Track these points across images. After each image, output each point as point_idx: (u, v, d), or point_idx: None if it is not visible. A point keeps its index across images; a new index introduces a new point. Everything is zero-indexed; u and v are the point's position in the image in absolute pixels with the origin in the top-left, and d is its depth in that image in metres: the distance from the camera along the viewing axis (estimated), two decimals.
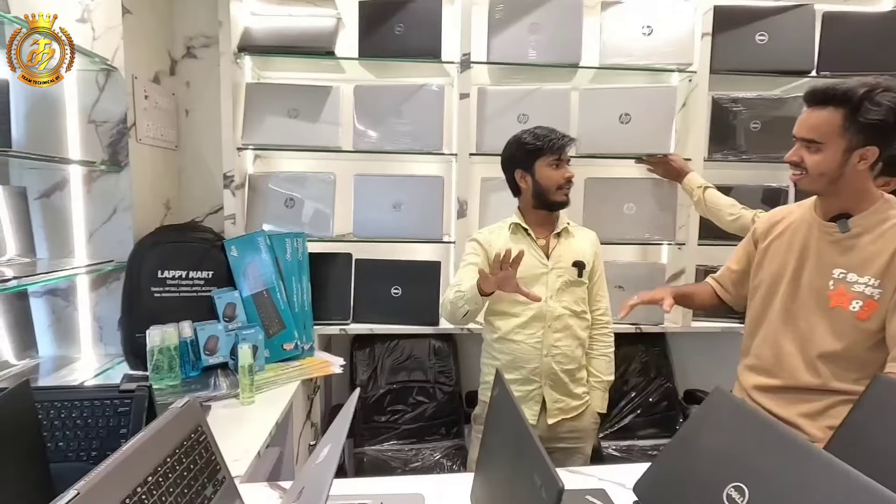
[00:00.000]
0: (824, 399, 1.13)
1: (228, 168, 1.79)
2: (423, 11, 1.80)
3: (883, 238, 1.06)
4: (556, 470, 1.00)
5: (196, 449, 0.78)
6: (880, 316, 1.06)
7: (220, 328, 1.59)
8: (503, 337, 1.46)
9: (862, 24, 1.90)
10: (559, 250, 1.47)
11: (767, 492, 0.67)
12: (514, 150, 1.46)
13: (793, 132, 1.13)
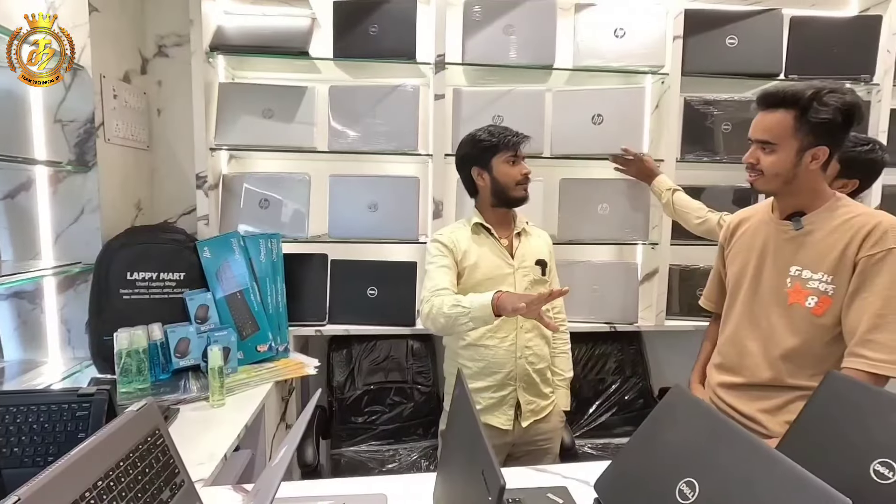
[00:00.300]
0: (783, 395, 1.16)
1: (201, 168, 1.77)
2: (398, 12, 1.80)
3: (834, 234, 1.10)
4: (524, 469, 1.02)
5: (153, 452, 0.78)
6: (835, 311, 1.09)
7: (192, 330, 1.57)
8: (473, 343, 1.42)
9: (828, 28, 1.95)
10: (522, 250, 1.46)
11: (716, 486, 0.69)
12: (470, 148, 1.44)
13: (748, 135, 1.16)
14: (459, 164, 1.48)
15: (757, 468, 0.65)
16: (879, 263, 1.04)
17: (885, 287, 1.03)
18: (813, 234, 1.13)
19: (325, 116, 1.86)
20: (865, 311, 1.04)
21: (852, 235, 1.07)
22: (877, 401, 0.83)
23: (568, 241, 1.97)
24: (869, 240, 1.05)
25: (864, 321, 1.04)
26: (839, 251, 1.08)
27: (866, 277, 1.05)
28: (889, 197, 2.02)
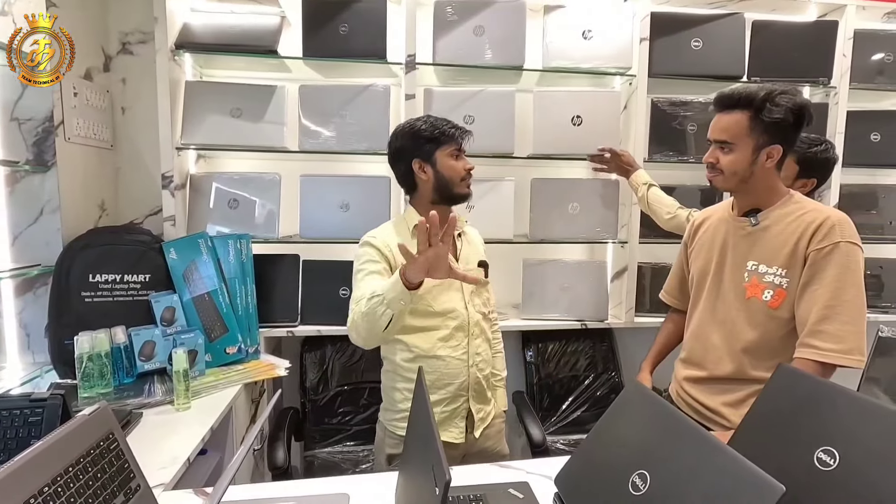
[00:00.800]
0: (744, 388, 1.20)
1: (167, 168, 1.74)
2: (368, 12, 1.79)
3: (787, 230, 1.14)
4: (487, 465, 1.03)
5: (106, 457, 0.76)
6: (790, 304, 1.13)
7: (158, 333, 1.54)
8: (424, 356, 1.29)
9: (788, 33, 2.01)
10: (465, 251, 1.38)
11: (665, 477, 0.71)
12: (409, 140, 1.31)
13: (707, 136, 1.21)
14: (396, 156, 1.34)
15: (703, 459, 0.67)
16: (827, 257, 1.08)
17: (833, 279, 1.07)
18: (768, 229, 1.17)
19: (296, 116, 1.84)
20: (815, 302, 1.08)
21: (803, 230, 1.12)
22: (823, 392, 0.87)
23: (540, 241, 1.99)
24: (818, 234, 1.10)
25: (813, 312, 1.08)
26: (791, 245, 1.12)
27: (816, 270, 1.09)
28: (846, 196, 2.09)
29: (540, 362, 2.11)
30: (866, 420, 0.77)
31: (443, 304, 1.31)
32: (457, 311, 1.32)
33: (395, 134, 1.35)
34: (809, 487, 0.77)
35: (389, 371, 1.38)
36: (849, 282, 1.07)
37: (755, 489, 0.58)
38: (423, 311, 1.29)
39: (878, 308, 2.13)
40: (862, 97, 2.13)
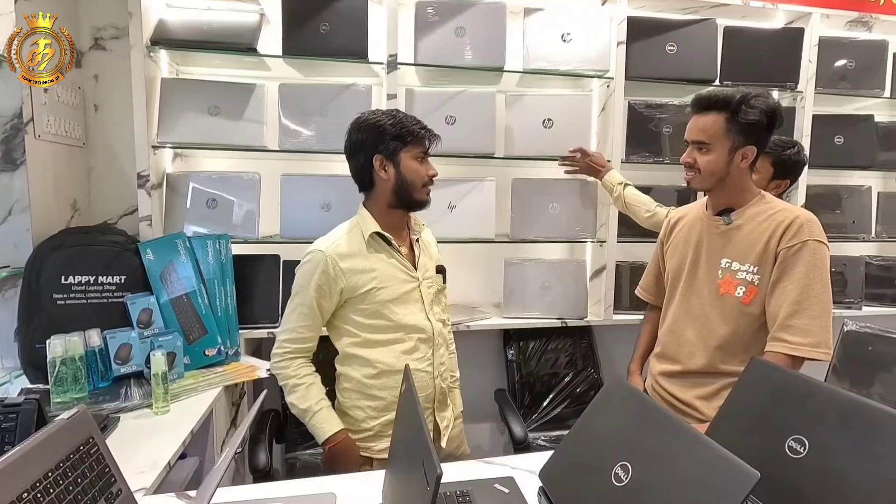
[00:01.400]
0: (717, 381, 1.25)
1: (143, 167, 1.70)
2: (349, 11, 1.79)
3: (759, 228, 1.19)
4: (473, 462, 1.04)
5: (86, 461, 0.75)
6: (761, 300, 1.18)
7: (134, 335, 1.51)
8: (388, 371, 1.24)
9: (758, 38, 2.08)
10: (423, 258, 1.32)
11: (647, 468, 0.73)
12: (372, 134, 1.21)
13: (685, 138, 1.25)
14: (355, 148, 1.24)
15: (682, 449, 0.70)
16: (797, 254, 1.13)
17: (802, 276, 1.12)
18: (741, 228, 1.22)
19: (276, 115, 1.83)
20: (785, 298, 1.13)
21: (774, 229, 1.17)
22: (793, 384, 0.91)
23: (521, 240, 2.02)
24: (788, 233, 1.15)
25: (783, 308, 1.13)
26: (763, 244, 1.17)
27: (785, 267, 1.14)
28: (812, 196, 2.18)
29: (521, 360, 2.14)
30: (833, 410, 0.82)
31: (404, 318, 1.25)
32: (420, 325, 1.27)
33: (356, 124, 1.25)
34: (781, 474, 0.81)
35: (349, 389, 1.29)
36: (816, 278, 1.12)
37: (732, 476, 0.61)
38: (383, 325, 1.24)
39: (842, 304, 2.22)
40: (827, 101, 2.22)
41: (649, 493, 0.71)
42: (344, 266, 1.22)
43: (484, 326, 1.96)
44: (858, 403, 0.80)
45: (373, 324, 1.24)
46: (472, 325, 1.93)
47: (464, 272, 2.18)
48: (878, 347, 1.06)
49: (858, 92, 2.19)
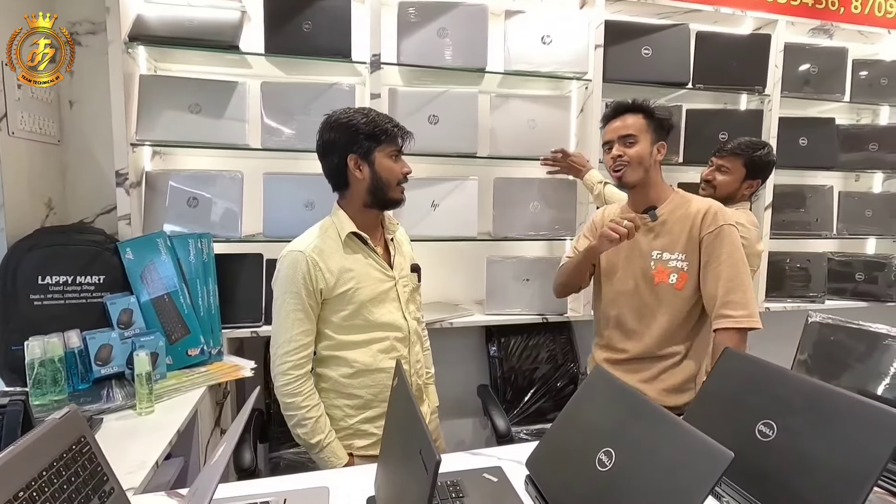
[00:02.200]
0: (657, 365, 1.37)
1: (121, 165, 1.67)
2: (332, 10, 1.79)
3: (680, 220, 1.34)
4: (460, 453, 1.06)
5: (79, 461, 0.75)
6: (691, 284, 1.32)
7: (115, 336, 1.49)
8: (366, 369, 1.24)
9: (728, 44, 2.17)
10: (399, 257, 1.33)
11: (629, 453, 0.77)
12: (345, 134, 1.20)
13: (606, 139, 1.40)
14: (327, 148, 1.23)
15: (662, 434, 0.74)
16: (718, 238, 1.29)
17: (728, 256, 1.27)
18: (665, 222, 1.36)
19: (258, 113, 1.82)
20: (719, 278, 1.27)
21: (693, 218, 1.32)
22: (762, 372, 0.96)
23: (503, 238, 2.06)
24: (706, 220, 1.31)
25: (720, 287, 1.27)
26: (686, 233, 1.32)
27: (711, 251, 1.29)
28: (779, 195, 2.28)
29: (503, 356, 2.18)
30: (799, 395, 0.87)
31: (382, 317, 1.26)
32: (397, 324, 1.28)
33: (328, 124, 1.23)
34: (752, 456, 0.86)
35: (326, 389, 1.28)
36: (737, 258, 1.28)
37: (708, 457, 0.66)
38: (360, 325, 1.24)
39: (806, 298, 2.34)
40: (792, 105, 2.33)
41: (631, 476, 0.75)
42: (323, 266, 1.20)
43: (467, 323, 2.00)
44: (822, 389, 0.86)
45: (350, 324, 1.24)
46: (455, 323, 1.96)
47: (446, 270, 2.21)
48: (839, 337, 1.13)
49: (821, 96, 2.30)
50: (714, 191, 1.77)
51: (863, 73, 2.36)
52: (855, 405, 0.80)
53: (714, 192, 1.77)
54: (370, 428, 1.28)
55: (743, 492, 0.87)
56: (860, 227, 2.45)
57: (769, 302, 2.29)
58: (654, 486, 0.71)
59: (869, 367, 1.06)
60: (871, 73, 2.36)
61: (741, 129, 2.18)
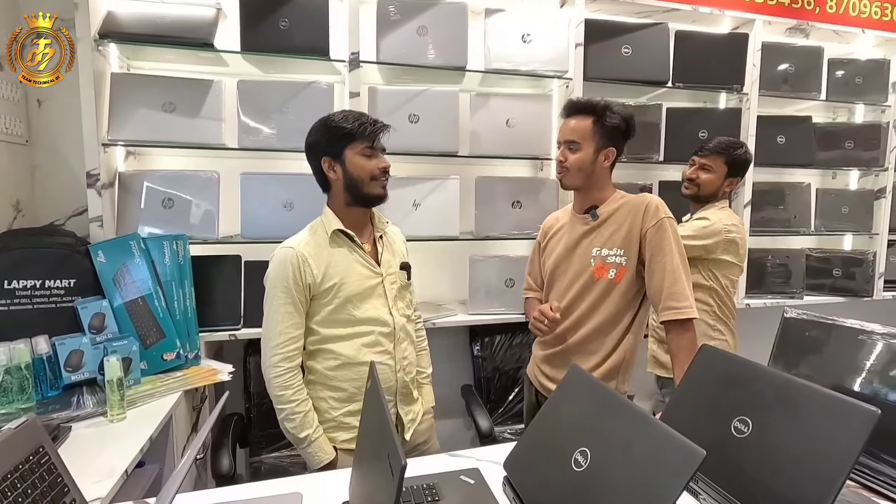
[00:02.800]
0: (592, 358, 1.38)
1: (92, 166, 1.63)
2: (309, 7, 1.77)
3: (619, 217, 1.36)
4: (440, 455, 1.05)
5: (36, 471, 0.72)
6: (629, 277, 1.35)
7: (86, 341, 1.45)
8: (350, 363, 1.26)
9: (707, 43, 2.19)
10: (386, 255, 1.35)
11: (604, 452, 0.77)
12: (320, 136, 1.25)
13: (558, 139, 1.40)
14: (309, 153, 1.29)
15: (635, 432, 0.73)
16: (659, 232, 1.31)
17: (669, 249, 1.30)
18: (605, 221, 1.38)
19: (234, 112, 1.78)
20: (663, 271, 1.30)
21: (633, 214, 1.34)
22: (738, 369, 0.97)
23: (485, 237, 2.05)
24: (647, 215, 1.32)
25: (665, 280, 1.29)
26: (626, 229, 1.33)
27: (654, 245, 1.31)
28: (758, 193, 2.31)
29: (487, 356, 2.17)
30: (776, 392, 0.87)
31: (367, 312, 1.28)
32: (383, 319, 1.30)
33: (311, 128, 1.29)
34: (728, 452, 0.86)
35: (313, 381, 1.31)
36: (676, 250, 1.31)
37: (681, 455, 0.65)
38: (345, 319, 1.26)
39: (785, 294, 2.37)
40: (770, 103, 2.35)
41: (607, 475, 0.74)
42: (311, 262, 1.24)
43: (450, 323, 1.98)
44: (796, 385, 0.86)
45: (335, 318, 1.27)
46: (438, 323, 1.94)
47: (429, 270, 2.20)
48: (814, 333, 1.14)
49: (798, 95, 2.33)
50: (698, 189, 1.80)
51: (839, 72, 2.40)
52: (827, 400, 0.80)
53: (698, 191, 1.80)
54: (353, 421, 1.29)
55: (719, 489, 0.87)
56: (837, 224, 2.49)
57: (749, 298, 2.31)
58: (629, 485, 0.70)
59: (842, 362, 1.07)
60: (847, 72, 2.40)
61: (721, 127, 2.20)
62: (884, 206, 2.50)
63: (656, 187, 2.25)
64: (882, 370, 1.00)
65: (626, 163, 2.15)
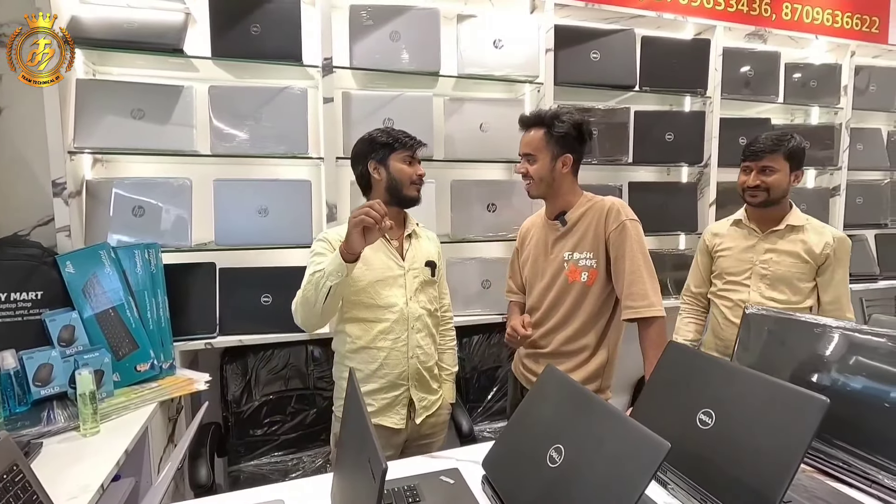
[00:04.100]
0: (572, 359, 1.44)
1: (58, 174, 1.59)
2: (280, 12, 1.76)
3: (586, 221, 1.42)
4: (419, 457, 1.07)
5: (11, 490, 0.71)
6: (601, 279, 1.41)
7: (55, 354, 1.41)
8: (365, 346, 1.40)
9: (671, 48, 2.26)
10: (413, 251, 1.48)
11: (577, 448, 0.80)
12: (367, 145, 1.45)
13: (519, 152, 1.46)
14: (355, 159, 1.47)
15: (606, 428, 0.77)
16: (621, 234, 1.36)
17: (630, 251, 1.35)
18: (574, 226, 1.43)
19: (206, 118, 1.76)
20: (624, 272, 1.35)
21: (598, 218, 1.39)
22: (702, 364, 1.02)
23: (461, 240, 2.08)
24: (609, 218, 1.38)
25: (625, 280, 1.35)
26: (592, 232, 1.39)
27: (617, 247, 1.36)
28: (722, 192, 2.40)
29: (466, 357, 2.20)
30: (736, 385, 0.93)
31: (385, 299, 1.40)
32: (397, 306, 1.40)
33: (357, 141, 1.48)
34: (694, 443, 0.91)
35: (338, 362, 1.48)
36: (637, 250, 1.35)
37: (648, 448, 0.69)
38: (366, 303, 1.39)
39: None
40: (732, 106, 2.45)
41: (580, 470, 0.77)
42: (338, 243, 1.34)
43: None
44: (754, 377, 0.91)
45: (358, 300, 1.39)
46: None
47: None
48: (773, 327, 1.20)
49: (758, 97, 2.43)
50: (768, 194, 1.60)
51: (795, 76, 2.51)
52: (782, 391, 0.86)
53: (768, 196, 1.60)
54: (368, 400, 1.40)
55: (686, 478, 0.91)
56: None
57: None
58: (600, 478, 0.74)
59: (800, 355, 1.13)
60: (803, 76, 2.52)
61: (686, 129, 2.29)
62: (838, 203, 2.63)
63: (626, 188, 2.31)
64: (837, 361, 1.06)
65: (596, 165, 2.21)
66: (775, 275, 1.61)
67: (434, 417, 1.51)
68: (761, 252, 1.64)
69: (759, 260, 1.64)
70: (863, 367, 1.02)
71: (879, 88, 2.69)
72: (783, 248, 1.62)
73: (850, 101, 2.58)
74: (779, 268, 1.61)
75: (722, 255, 1.72)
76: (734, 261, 1.69)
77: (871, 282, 2.66)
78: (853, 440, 0.98)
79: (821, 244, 1.58)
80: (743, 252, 1.68)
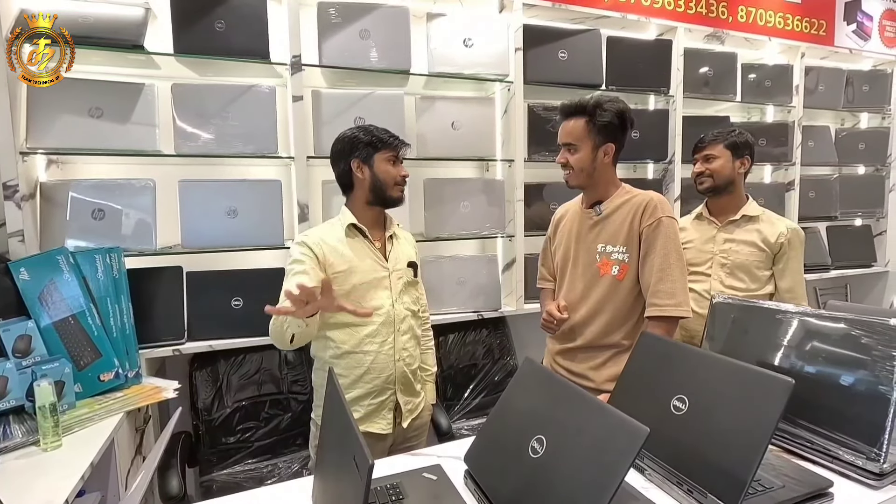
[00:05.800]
0: (605, 353, 1.42)
1: (9, 176, 1.50)
2: (246, 8, 1.72)
3: (622, 214, 1.39)
4: (401, 456, 1.06)
5: None
6: (632, 275, 1.38)
7: (10, 367, 1.33)
8: (350, 351, 1.36)
9: (636, 48, 2.33)
10: (395, 252, 1.45)
11: (558, 438, 0.81)
12: (350, 143, 1.40)
13: (559, 141, 1.43)
14: (336, 157, 1.42)
15: (586, 416, 0.78)
16: (655, 231, 1.34)
17: (661, 248, 1.33)
18: (609, 217, 1.41)
19: (170, 117, 1.71)
20: (652, 269, 1.34)
21: (634, 212, 1.37)
22: (675, 352, 1.05)
23: (435, 238, 2.08)
24: (645, 213, 1.36)
25: (652, 277, 1.33)
26: (627, 226, 1.38)
27: (649, 243, 1.35)
28: (686, 188, 2.48)
29: (442, 355, 2.20)
30: (707, 371, 0.96)
31: (370, 302, 1.37)
32: (384, 308, 1.38)
33: (336, 139, 1.43)
34: (668, 428, 0.94)
35: (319, 369, 1.43)
36: (671, 248, 1.33)
37: (627, 433, 0.70)
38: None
39: None
40: (693, 105, 2.54)
41: (562, 459, 0.78)
42: (325, 247, 1.36)
43: None
44: (723, 363, 0.95)
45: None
46: None
47: None
48: (738, 315, 1.25)
49: (717, 96, 2.53)
50: (713, 180, 1.71)
51: (751, 76, 2.62)
52: (750, 375, 0.89)
53: (714, 182, 1.71)
54: (353, 407, 1.38)
55: (663, 463, 0.94)
56: None
57: None
58: (582, 466, 0.75)
59: (764, 340, 1.18)
60: (758, 76, 2.63)
61: (652, 127, 2.35)
62: (793, 197, 2.76)
63: None
64: (797, 345, 1.11)
65: None
66: (734, 263, 1.69)
67: (418, 420, 1.49)
68: (721, 242, 1.72)
69: (719, 249, 1.72)
70: (821, 350, 1.07)
71: (827, 88, 2.84)
72: (740, 237, 1.70)
73: (801, 100, 2.71)
74: (738, 256, 1.69)
75: (685, 247, 1.78)
76: (696, 252, 1.76)
77: (824, 271, 2.82)
78: (814, 419, 1.03)
79: (775, 234, 1.67)
80: (704, 243, 1.75)
